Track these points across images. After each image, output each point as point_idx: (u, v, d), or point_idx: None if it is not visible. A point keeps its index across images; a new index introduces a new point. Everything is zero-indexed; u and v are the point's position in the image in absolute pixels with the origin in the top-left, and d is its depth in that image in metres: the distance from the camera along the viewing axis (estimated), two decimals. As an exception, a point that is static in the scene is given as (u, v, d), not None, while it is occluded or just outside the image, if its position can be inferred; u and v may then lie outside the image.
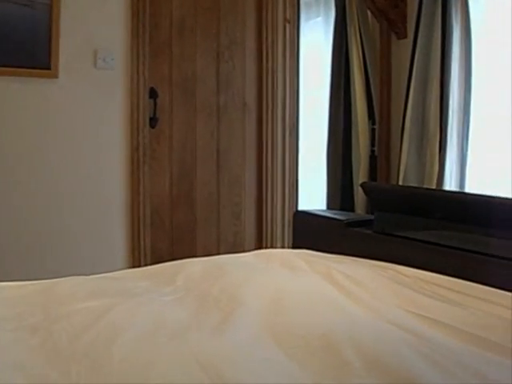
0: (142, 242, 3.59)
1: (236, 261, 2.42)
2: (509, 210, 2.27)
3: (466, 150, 3.47)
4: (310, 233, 3.01)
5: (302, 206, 4.16)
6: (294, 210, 3.88)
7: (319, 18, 4.80)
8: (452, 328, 1.72)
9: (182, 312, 1.81)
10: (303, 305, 1.87)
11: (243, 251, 2.95)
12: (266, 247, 3.91)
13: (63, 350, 1.47)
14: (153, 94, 3.60)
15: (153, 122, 3.62)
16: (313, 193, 4.57)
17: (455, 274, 2.22)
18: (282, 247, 3.84)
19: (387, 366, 1.44)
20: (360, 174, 4.01)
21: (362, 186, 3.13)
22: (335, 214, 3.21)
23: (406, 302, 1.94)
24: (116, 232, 3.59)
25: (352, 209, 4.06)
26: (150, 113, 3.60)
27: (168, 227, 3.74)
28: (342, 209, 4.08)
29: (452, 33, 3.44)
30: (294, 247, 3.05)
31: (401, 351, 1.53)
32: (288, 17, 3.95)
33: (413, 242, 2.56)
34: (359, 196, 3.99)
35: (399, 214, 2.67)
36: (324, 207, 4.23)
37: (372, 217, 2.81)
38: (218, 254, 3.33)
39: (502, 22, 3.28)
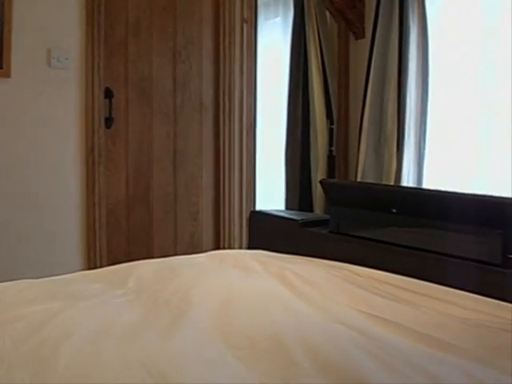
0: (97, 244, 3.54)
1: (189, 262, 2.41)
2: (464, 206, 2.28)
3: (424, 149, 3.49)
4: (265, 233, 3.00)
5: (261, 206, 4.16)
6: (252, 210, 3.88)
7: (278, 18, 4.80)
8: (403, 328, 1.73)
9: (132, 314, 1.80)
10: (254, 306, 1.87)
11: (201, 251, 2.93)
12: (224, 247, 3.90)
13: (7, 356, 1.44)
14: (108, 94, 3.55)
15: (108, 122, 3.57)
16: (272, 193, 4.57)
17: (410, 273, 2.23)
18: (240, 247, 3.84)
19: (336, 366, 1.44)
20: (318, 174, 4.02)
21: (320, 182, 3.13)
22: (291, 214, 3.21)
23: (358, 302, 1.94)
24: (71, 233, 3.54)
25: (311, 208, 4.06)
26: (105, 113, 3.55)
27: (124, 228, 3.71)
28: (300, 209, 4.08)
29: (409, 33, 3.47)
30: (250, 247, 3.04)
31: (350, 351, 1.53)
32: (245, 17, 3.94)
33: (368, 241, 2.57)
34: (318, 196, 4.00)
35: (356, 208, 2.67)
36: (283, 207, 4.24)
37: (328, 217, 2.81)
38: (175, 254, 3.29)
39: (458, 22, 3.31)
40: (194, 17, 3.87)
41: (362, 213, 2.66)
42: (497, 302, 1.95)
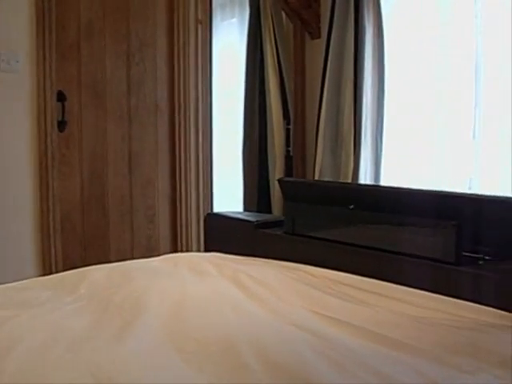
0: (52, 249, 3.48)
1: (142, 266, 2.38)
2: (418, 202, 2.29)
3: (381, 148, 3.51)
4: (221, 235, 2.99)
5: (220, 207, 4.14)
6: (208, 212, 3.85)
7: (234, 19, 4.79)
8: (357, 328, 1.72)
9: (83, 321, 1.77)
10: (206, 309, 1.85)
11: (158, 255, 2.90)
12: (182, 250, 3.88)
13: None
14: (61, 97, 3.50)
15: (61, 125, 3.51)
16: (231, 194, 4.56)
17: (367, 273, 2.23)
18: (198, 250, 3.81)
19: (287, 369, 1.43)
20: (276, 175, 4.01)
21: (278, 181, 3.12)
22: (247, 215, 3.21)
23: (312, 303, 1.93)
24: (25, 239, 3.47)
25: (269, 210, 4.05)
26: (58, 116, 3.49)
27: (79, 232, 3.65)
28: (259, 210, 4.07)
29: (365, 33, 3.48)
30: (206, 250, 3.02)
31: (302, 353, 1.52)
32: (200, 17, 3.91)
33: (323, 241, 2.57)
34: (276, 197, 3.99)
35: (312, 207, 2.66)
36: (242, 209, 4.22)
37: (283, 218, 2.80)
38: (132, 258, 3.27)
39: (413, 22, 3.34)
40: (148, 18, 3.83)
41: (318, 212, 2.66)
42: (452, 299, 1.97)
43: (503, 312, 1.86)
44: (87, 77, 3.63)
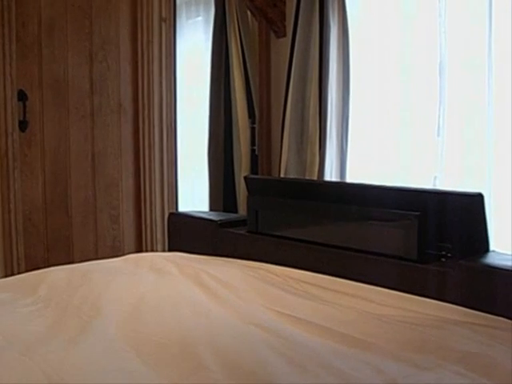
0: (14, 251, 3.43)
1: (102, 267, 2.36)
2: (382, 199, 2.29)
3: (346, 147, 3.50)
4: (185, 235, 2.97)
5: (186, 207, 4.11)
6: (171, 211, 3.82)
7: (199, 18, 4.76)
8: (317, 326, 1.72)
9: (40, 323, 1.75)
10: (165, 310, 1.83)
11: (123, 255, 2.86)
12: (147, 250, 3.84)
13: None
14: (22, 96, 3.44)
15: (23, 125, 3.45)
16: (197, 194, 4.53)
17: (331, 271, 2.23)
18: (163, 250, 3.78)
19: (247, 369, 1.42)
20: (242, 174, 3.98)
21: (245, 178, 3.10)
22: (210, 214, 3.19)
23: (273, 302, 1.93)
24: (-14, 241, 3.42)
25: (235, 209, 4.03)
26: (19, 116, 3.43)
27: (42, 234, 3.60)
28: (225, 209, 4.05)
29: (330, 32, 3.47)
30: (169, 250, 3.00)
31: (261, 353, 1.51)
32: (164, 16, 3.87)
33: (286, 240, 2.56)
34: (242, 196, 3.97)
35: (276, 205, 2.66)
36: (207, 208, 4.19)
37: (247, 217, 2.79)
38: (97, 259, 3.21)
39: (378, 20, 3.34)
40: (111, 16, 3.77)
41: (282, 211, 2.65)
42: (414, 297, 1.97)
43: (466, 309, 1.87)
44: (49, 75, 3.57)
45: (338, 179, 3.49)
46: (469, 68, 2.92)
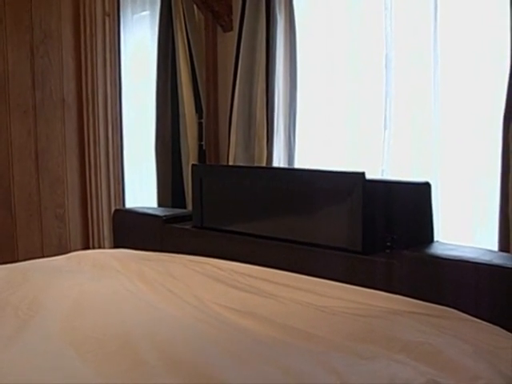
0: (-45, 251, 3.35)
1: (44, 265, 2.31)
2: (324, 184, 2.28)
3: (294, 141, 3.49)
4: (130, 231, 2.93)
5: (134, 203, 4.05)
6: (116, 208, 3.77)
7: (145, 13, 4.70)
8: (260, 319, 1.71)
9: (-23, 323, 1.69)
10: (106, 306, 1.80)
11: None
12: (94, 248, 3.78)
13: None
14: (-40, 92, 3.35)
15: (-39, 122, 3.37)
16: (146, 190, 4.48)
17: (278, 265, 2.22)
18: (112, 247, 3.72)
19: (187, 363, 1.41)
20: (189, 169, 3.94)
21: (192, 166, 3.08)
22: (155, 210, 3.15)
23: (217, 296, 1.91)
24: None
25: (183, 204, 3.99)
26: (-43, 112, 3.34)
27: (-16, 234, 3.52)
28: (173, 205, 4.01)
29: (276, 25, 3.46)
30: (115, 246, 2.96)
31: (204, 347, 1.50)
32: (107, 10, 3.81)
33: (231, 235, 2.54)
34: (190, 191, 3.93)
35: (222, 195, 2.64)
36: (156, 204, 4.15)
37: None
38: (43, 258, 3.16)
39: (325, 14, 3.34)
40: (52, 8, 3.68)
41: (227, 204, 2.63)
42: (360, 288, 1.97)
43: (410, 299, 1.87)
44: (-13, 70, 3.49)
45: (285, 173, 3.48)
46: (415, 61, 2.93)
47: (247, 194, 2.54)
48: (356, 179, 2.17)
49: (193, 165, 3.03)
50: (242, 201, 2.58)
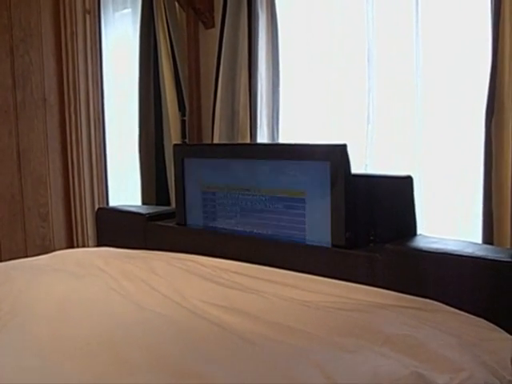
0: None
1: (26, 265, 2.30)
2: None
3: (277, 137, 3.50)
4: (114, 229, 2.92)
5: (118, 202, 4.03)
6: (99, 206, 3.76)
7: (127, 10, 4.68)
8: (244, 314, 1.71)
9: (-42, 325, 1.67)
10: (90, 305, 1.79)
11: (53, 253, 2.79)
12: (78, 247, 3.77)
13: None
14: None
15: None
16: (131, 188, 4.46)
17: (262, 261, 2.21)
18: (95, 246, 3.70)
19: (171, 360, 1.40)
20: (173, 167, 3.93)
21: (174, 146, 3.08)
22: (139, 208, 3.14)
23: (201, 293, 1.91)
24: None
25: (168, 201, 3.98)
26: None
27: (-33, 234, 3.50)
28: (158, 202, 4.00)
29: (258, 21, 3.46)
30: (99, 245, 2.95)
31: (187, 345, 1.50)
32: (88, 7, 3.79)
33: (214, 232, 2.53)
34: (174, 188, 3.91)
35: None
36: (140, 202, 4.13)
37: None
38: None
39: (307, 8, 3.33)
40: (32, 6, 3.65)
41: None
42: (343, 283, 1.97)
43: (393, 292, 1.87)
44: (-33, 71, 3.47)
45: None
46: (397, 55, 2.94)
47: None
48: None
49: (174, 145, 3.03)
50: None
